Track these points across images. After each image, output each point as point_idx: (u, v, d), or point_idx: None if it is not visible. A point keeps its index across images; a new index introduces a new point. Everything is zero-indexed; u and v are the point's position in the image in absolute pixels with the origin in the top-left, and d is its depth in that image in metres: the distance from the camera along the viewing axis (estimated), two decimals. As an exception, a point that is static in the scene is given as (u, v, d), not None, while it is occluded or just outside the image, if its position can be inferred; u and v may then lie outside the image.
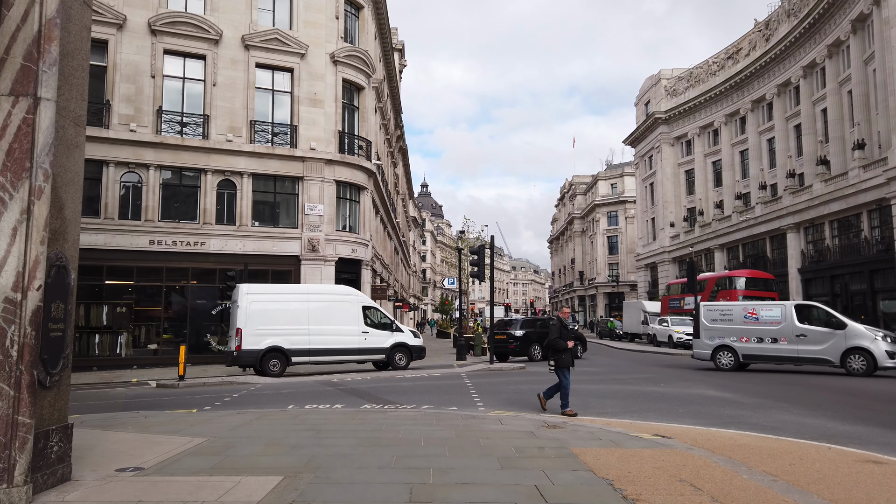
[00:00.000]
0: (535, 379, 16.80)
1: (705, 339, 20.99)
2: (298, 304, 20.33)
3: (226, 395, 14.29)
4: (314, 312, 20.14)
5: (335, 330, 20.27)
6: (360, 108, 29.56)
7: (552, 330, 11.37)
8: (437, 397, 13.25)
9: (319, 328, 20.01)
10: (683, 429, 9.15)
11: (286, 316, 19.81)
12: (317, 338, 19.89)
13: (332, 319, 20.37)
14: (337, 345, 20.24)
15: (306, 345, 19.78)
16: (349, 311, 20.89)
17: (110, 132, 24.09)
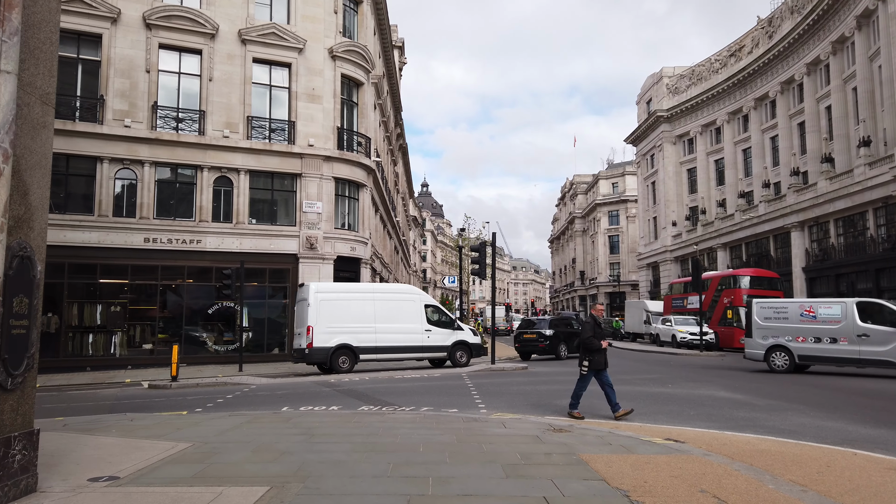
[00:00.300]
0: (537, 379, 16.35)
1: (758, 338, 19.80)
2: (365, 303, 20.83)
3: (219, 397, 13.82)
4: (380, 311, 20.67)
5: (400, 328, 20.70)
6: (360, 105, 29.08)
7: (585, 328, 10.70)
8: (437, 398, 12.78)
9: (385, 326, 20.43)
10: (696, 432, 8.68)
11: (354, 314, 20.29)
12: (383, 336, 20.35)
13: (396, 318, 20.79)
14: (402, 342, 20.72)
15: (373, 342, 20.22)
16: (413, 310, 21.39)
17: (104, 128, 23.62)
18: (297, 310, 21.46)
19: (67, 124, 23.08)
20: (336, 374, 19.16)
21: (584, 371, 10.50)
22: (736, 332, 31.54)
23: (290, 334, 25.85)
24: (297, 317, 21.27)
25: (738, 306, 31.90)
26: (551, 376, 17.28)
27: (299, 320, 20.86)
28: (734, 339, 31.67)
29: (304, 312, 20.25)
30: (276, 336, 26.36)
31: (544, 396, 12.83)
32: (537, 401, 12.18)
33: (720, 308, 33.64)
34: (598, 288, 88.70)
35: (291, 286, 26.08)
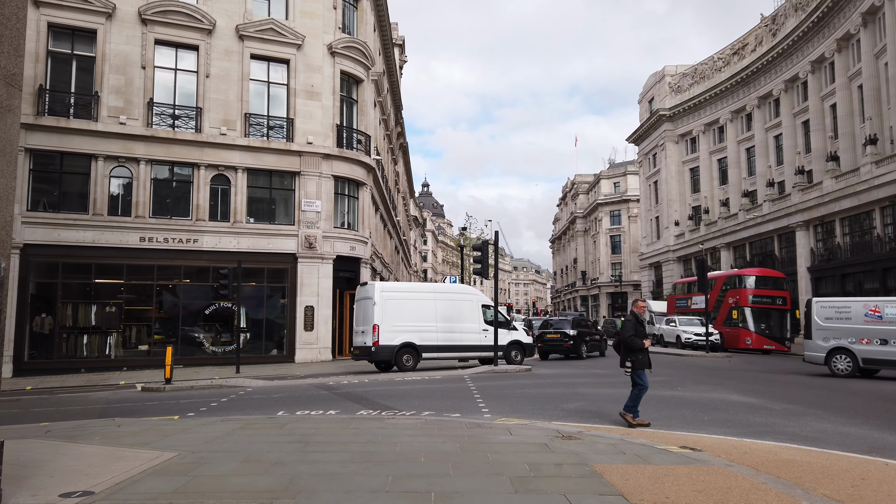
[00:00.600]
0: (542, 382, 15.88)
1: (818, 340, 18.56)
2: (427, 303, 21.32)
3: (213, 401, 13.36)
4: (441, 310, 21.19)
5: (459, 327, 21.24)
6: (359, 102, 28.62)
7: (626, 327, 10.12)
8: (439, 402, 12.32)
9: (446, 325, 20.99)
10: (713, 440, 8.22)
11: (417, 313, 20.77)
12: (443, 335, 20.89)
13: (456, 317, 21.31)
14: (461, 342, 21.29)
15: (435, 341, 20.71)
16: (471, 310, 21.91)
17: (99, 125, 23.16)
18: (359, 308, 21.74)
19: (61, 121, 22.66)
20: (401, 371, 19.82)
21: (627, 372, 9.92)
22: (741, 332, 31.11)
23: (290, 335, 25.44)
24: (360, 315, 21.46)
25: (744, 306, 31.49)
26: (556, 378, 16.82)
27: (362, 318, 21.12)
28: (739, 339, 31.23)
29: (367, 311, 20.61)
30: (274, 337, 25.90)
31: (550, 400, 12.37)
32: (543, 405, 11.72)
33: (725, 308, 33.22)
34: (600, 288, 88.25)
35: (290, 286, 25.63)
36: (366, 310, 20.82)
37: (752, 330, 31.23)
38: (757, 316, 31.77)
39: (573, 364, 22.77)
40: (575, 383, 15.39)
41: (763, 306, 31.81)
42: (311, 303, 25.66)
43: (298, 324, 25.45)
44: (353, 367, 22.56)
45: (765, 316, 32.01)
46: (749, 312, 31.58)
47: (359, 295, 22.07)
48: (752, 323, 31.38)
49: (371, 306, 20.38)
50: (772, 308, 31.95)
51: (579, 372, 19.16)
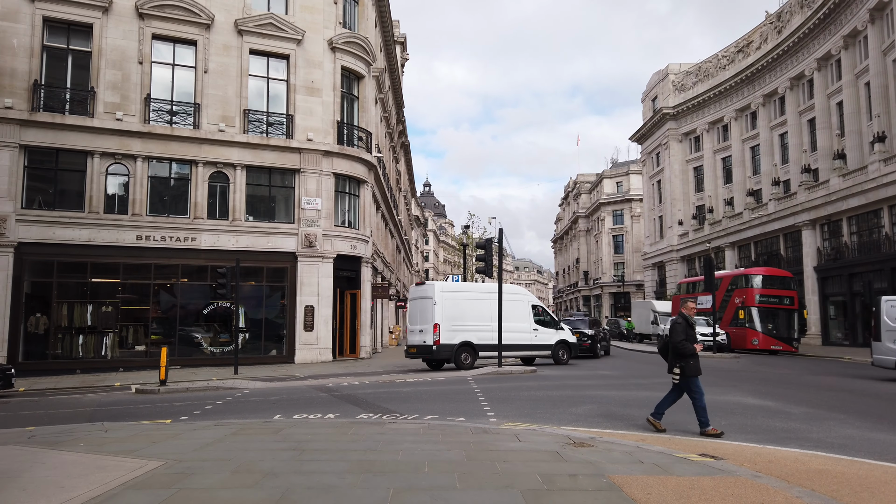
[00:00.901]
0: (548, 384, 15.40)
1: (888, 342, 16.97)
2: (482, 302, 21.70)
3: (208, 403, 12.91)
4: (490, 310, 21.33)
5: (512, 327, 21.51)
6: (360, 98, 28.17)
7: (676, 330, 9.06)
8: (443, 405, 11.85)
9: (494, 325, 20.94)
10: (734, 446, 7.75)
11: (473, 313, 21.32)
12: (490, 334, 21.05)
13: (509, 317, 21.37)
14: (514, 341, 21.71)
15: (490, 340, 20.98)
16: (522, 310, 22.55)
17: (95, 121, 22.72)
18: (415, 307, 22.13)
19: (57, 117, 22.25)
20: (461, 370, 20.26)
21: (675, 379, 9.00)
22: (748, 332, 30.57)
23: (290, 335, 25.00)
24: (417, 314, 21.81)
25: (751, 306, 30.94)
26: (562, 380, 16.34)
27: (420, 317, 21.44)
28: (746, 339, 30.70)
29: (427, 310, 21.05)
30: (274, 337, 25.44)
31: (558, 403, 11.90)
32: (551, 408, 11.25)
33: (731, 308, 32.75)
34: (602, 288, 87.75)
35: (290, 285, 25.19)
36: (424, 309, 21.19)
37: (758, 330, 30.66)
38: (764, 316, 31.18)
39: (579, 365, 22.29)
40: (582, 385, 14.93)
41: (770, 306, 31.26)
42: (312, 302, 25.22)
43: (298, 324, 25.01)
44: (353, 368, 22.12)
45: (772, 316, 31.43)
46: (756, 312, 31.02)
47: (414, 294, 22.57)
48: (759, 323, 30.82)
49: (431, 305, 20.79)
50: (779, 308, 31.36)
51: (586, 373, 18.68)
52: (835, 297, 38.49)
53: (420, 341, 21.12)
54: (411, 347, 21.73)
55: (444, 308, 20.76)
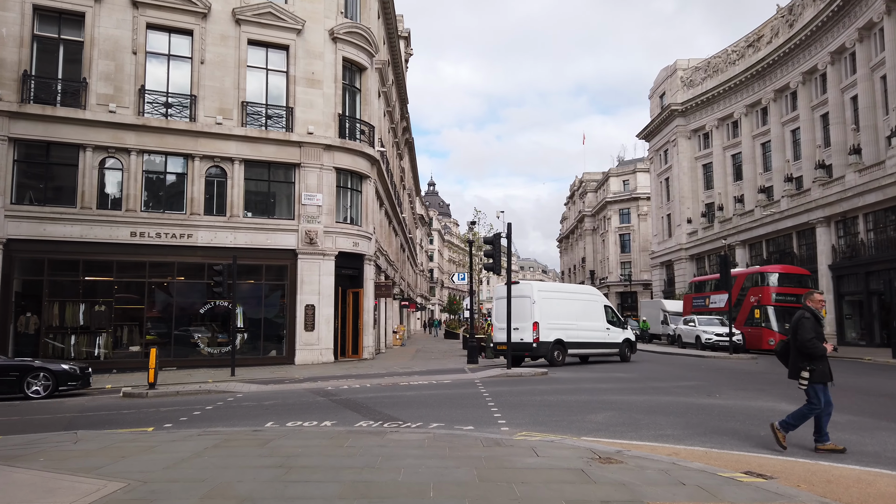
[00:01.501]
0: (562, 387, 14.46)
1: None
2: (570, 303, 23.28)
3: (197, 408, 12.02)
4: (578, 310, 23.20)
5: (591, 326, 23.34)
6: (363, 91, 27.28)
7: (805, 327, 7.52)
8: (449, 412, 10.94)
9: (583, 324, 22.98)
10: (783, 463, 6.82)
11: (563, 312, 22.49)
12: (580, 332, 22.78)
13: (588, 316, 23.37)
14: (592, 339, 23.30)
15: (576, 338, 22.54)
16: (598, 310, 24.16)
17: (87, 113, 21.88)
18: (505, 305, 21.85)
19: (47, 109, 21.42)
20: (553, 366, 21.37)
21: (803, 385, 7.52)
22: (764, 332, 29.54)
23: (290, 335, 24.15)
24: (512, 312, 21.36)
25: (767, 305, 29.92)
26: (576, 384, 15.40)
27: (518, 315, 21.48)
28: (762, 340, 29.65)
29: (525, 309, 21.77)
30: (273, 337, 24.56)
31: (575, 409, 10.98)
32: (567, 415, 10.33)
33: (746, 307, 31.72)
34: (609, 287, 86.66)
35: (290, 284, 24.33)
36: (522, 307, 21.72)
37: (775, 330, 29.53)
38: (781, 315, 30.04)
39: (591, 367, 21.35)
40: (598, 389, 13.99)
41: (787, 305, 30.08)
42: (312, 301, 24.35)
43: (298, 324, 24.15)
44: (355, 369, 21.26)
45: (789, 315, 30.12)
46: (772, 311, 30.00)
47: (511, 293, 22.76)
48: (776, 322, 29.74)
49: (530, 304, 21.83)
50: (796, 307, 30.13)
51: (600, 375, 17.73)
52: (850, 296, 37.40)
53: (518, 339, 21.53)
54: (502, 345, 22.02)
55: (542, 307, 21.77)
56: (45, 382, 14.89)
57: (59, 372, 15.16)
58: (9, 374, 14.65)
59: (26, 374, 14.79)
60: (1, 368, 14.72)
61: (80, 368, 15.70)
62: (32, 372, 14.84)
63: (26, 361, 15.63)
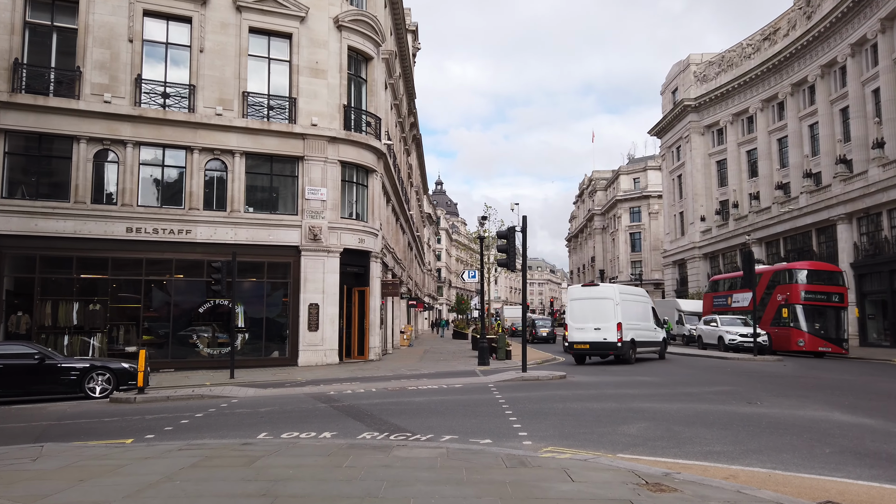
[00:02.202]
0: (584, 393, 13.32)
1: None
2: (635, 304, 24.43)
3: (186, 416, 10.98)
4: (640, 311, 24.77)
5: (647, 326, 24.94)
6: (369, 81, 26.22)
7: None
8: (462, 421, 9.87)
9: (643, 324, 24.48)
10: (864, 489, 5.71)
11: (633, 313, 23.78)
12: (643, 332, 24.19)
13: (644, 317, 24.99)
14: (646, 338, 24.62)
15: (641, 338, 23.84)
16: (649, 310, 25.81)
17: (81, 103, 20.91)
18: (585, 306, 23.58)
19: (39, 99, 20.46)
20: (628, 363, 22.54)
21: None
22: (792, 332, 28.13)
23: (293, 336, 23.15)
24: (588, 313, 23.22)
25: (795, 304, 28.45)
26: (599, 389, 14.25)
27: (594, 316, 22.88)
28: (790, 340, 28.22)
29: (605, 310, 22.76)
30: (275, 338, 23.54)
31: (603, 419, 9.87)
32: (596, 426, 9.23)
33: (773, 306, 30.17)
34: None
35: (293, 282, 23.32)
36: (602, 308, 22.80)
37: (804, 330, 27.98)
38: (810, 314, 28.44)
39: (610, 370, 20.19)
40: (624, 395, 12.84)
41: (817, 304, 28.62)
42: (316, 300, 23.33)
43: (302, 323, 23.12)
44: (361, 371, 20.22)
45: (819, 314, 28.72)
46: (801, 310, 28.34)
47: (582, 294, 24.59)
48: (805, 322, 28.14)
49: (612, 306, 22.72)
50: (827, 306, 28.66)
51: (622, 380, 16.55)
52: (873, 296, 36.12)
53: (600, 338, 22.62)
54: (581, 344, 23.13)
55: (623, 309, 22.70)
56: (105, 384, 14.95)
57: (120, 371, 15.22)
58: (70, 374, 14.65)
59: (87, 373, 14.84)
60: (62, 368, 14.62)
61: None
62: (94, 371, 14.90)
63: (87, 360, 15.63)
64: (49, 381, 14.44)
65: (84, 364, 15.14)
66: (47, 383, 14.44)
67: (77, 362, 15.30)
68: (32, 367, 14.38)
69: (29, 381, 14.38)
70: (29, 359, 14.45)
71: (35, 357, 14.50)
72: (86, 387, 14.64)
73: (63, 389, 14.47)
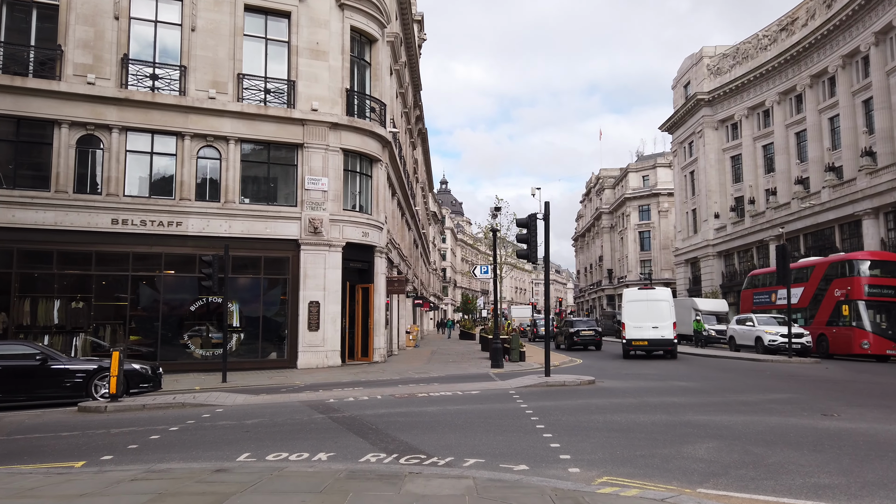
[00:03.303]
0: (623, 402, 11.49)
1: None
2: (678, 307, 27.88)
3: (158, 430, 9.33)
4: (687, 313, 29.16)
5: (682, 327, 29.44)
6: (373, 65, 24.58)
7: None
8: (487, 438, 8.21)
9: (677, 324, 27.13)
10: None
11: (680, 315, 27.79)
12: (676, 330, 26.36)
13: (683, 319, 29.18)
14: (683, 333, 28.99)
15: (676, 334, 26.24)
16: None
17: (62, 85, 19.33)
18: (642, 307, 25.78)
19: (17, 80, 18.87)
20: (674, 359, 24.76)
21: None
22: (855, 333, 24.65)
23: (292, 336, 21.54)
24: (644, 313, 25.60)
25: (857, 300, 25.08)
26: (638, 396, 12.39)
27: (651, 316, 25.38)
28: (853, 342, 24.76)
29: (662, 311, 25.44)
30: (273, 338, 21.94)
31: (659, 437, 8.12)
32: (653, 446, 7.50)
33: (829, 303, 26.94)
34: (628, 287, 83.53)
35: (291, 278, 21.71)
36: (661, 309, 25.43)
37: (868, 330, 24.53)
38: (875, 312, 25.11)
39: (641, 374, 18.35)
40: (671, 405, 10.99)
41: (884, 299, 25.18)
42: (317, 298, 21.71)
43: (301, 323, 21.50)
44: (365, 374, 18.61)
45: (885, 312, 25.27)
46: (864, 307, 24.98)
47: (638, 296, 26.77)
48: (869, 321, 24.77)
49: (668, 307, 25.58)
50: (894, 302, 25.32)
51: (659, 385, 14.65)
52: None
53: (658, 336, 25.22)
54: (639, 341, 25.60)
55: (674, 310, 25.73)
56: None
57: (130, 373, 13.96)
58: (75, 377, 13.49)
59: (94, 375, 13.60)
60: (67, 371, 13.48)
61: (150, 368, 14.71)
62: (102, 373, 13.56)
63: (94, 361, 14.31)
64: (52, 384, 13.23)
65: (90, 366, 13.81)
66: (50, 387, 13.24)
67: (83, 364, 14.06)
68: (33, 368, 13.10)
69: (30, 384, 13.10)
70: (30, 360, 13.19)
71: (37, 358, 13.23)
72: (93, 390, 13.44)
73: (67, 393, 13.28)
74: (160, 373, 14.74)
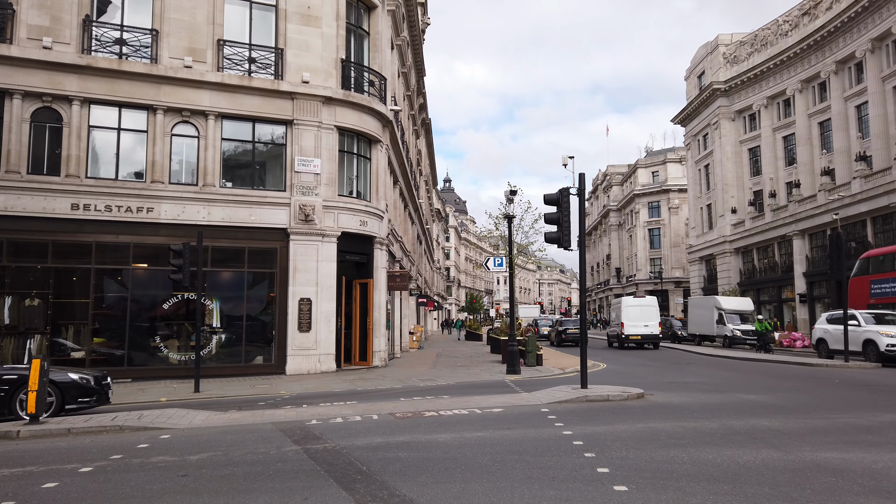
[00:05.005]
0: (697, 427, 8.54)
1: None
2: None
3: (67, 469, 6.69)
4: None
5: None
6: (371, 35, 21.98)
7: None
8: (529, 492, 5.58)
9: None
10: None
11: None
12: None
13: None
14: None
15: None
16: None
17: (14, 49, 16.77)
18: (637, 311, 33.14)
19: (-40, 43, 16.32)
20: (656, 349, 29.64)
21: None
22: None
23: (280, 337, 18.96)
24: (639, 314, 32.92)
25: None
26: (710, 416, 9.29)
27: (643, 317, 32.80)
28: None
29: (650, 313, 33.04)
30: (258, 340, 19.35)
31: (794, 492, 5.50)
32: None
33: None
34: (637, 285, 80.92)
35: (280, 272, 19.14)
36: (650, 312, 33.02)
37: None
38: None
39: (687, 383, 15.68)
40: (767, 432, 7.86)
41: None
42: (309, 294, 19.15)
43: (291, 322, 18.94)
44: (362, 382, 16.03)
45: None
46: None
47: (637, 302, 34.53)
48: None
49: (655, 311, 32.85)
50: None
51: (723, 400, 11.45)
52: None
53: (648, 332, 32.44)
54: (634, 335, 32.39)
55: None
56: (48, 399, 10.83)
57: (66, 385, 11.33)
58: None
59: (19, 388, 10.90)
60: None
61: (94, 378, 11.86)
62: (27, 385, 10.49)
63: (18, 370, 11.50)
64: None
65: (12, 375, 11.16)
66: None
67: (5, 372, 11.25)
68: None
69: None
70: None
71: None
72: (17, 406, 10.75)
73: None
74: (107, 383, 11.96)
